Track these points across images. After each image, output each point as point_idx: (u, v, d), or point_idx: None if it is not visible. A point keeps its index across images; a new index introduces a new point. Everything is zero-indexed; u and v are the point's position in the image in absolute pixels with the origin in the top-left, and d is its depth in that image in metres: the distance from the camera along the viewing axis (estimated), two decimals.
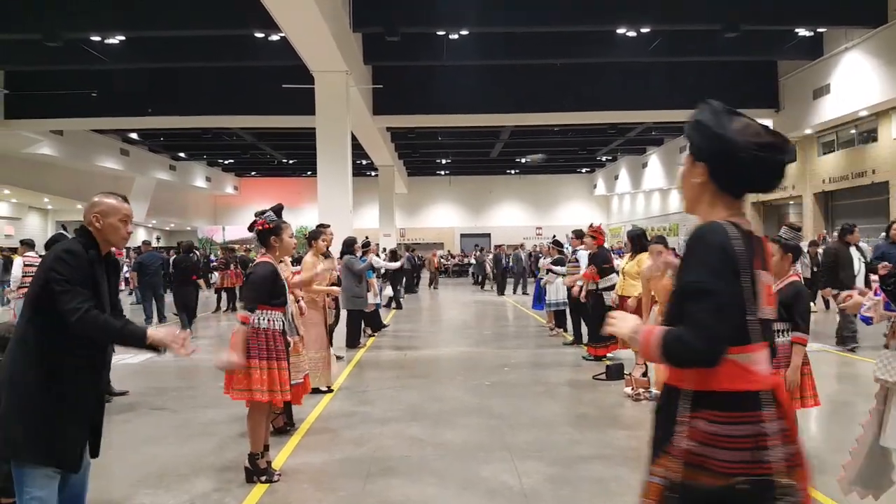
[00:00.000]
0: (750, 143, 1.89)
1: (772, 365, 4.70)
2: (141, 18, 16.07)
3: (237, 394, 4.80)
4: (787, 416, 1.90)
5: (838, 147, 24.34)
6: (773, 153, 1.91)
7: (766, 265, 2.02)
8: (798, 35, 19.37)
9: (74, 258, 3.06)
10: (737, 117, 1.99)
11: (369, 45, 18.38)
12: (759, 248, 1.99)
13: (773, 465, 1.82)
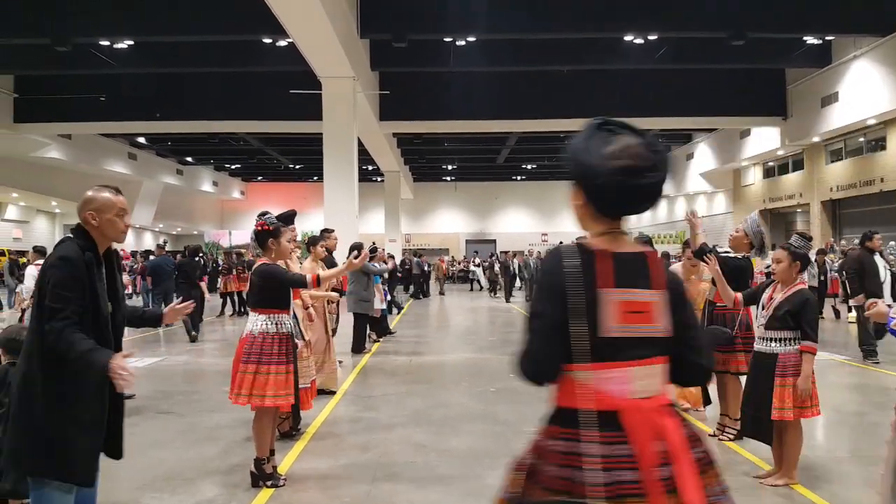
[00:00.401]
0: (607, 168, 1.85)
1: (776, 374, 4.64)
2: (149, 23, 16.14)
3: (246, 399, 4.78)
4: (630, 442, 1.80)
5: (846, 155, 24.28)
6: (629, 178, 1.84)
7: (633, 282, 1.90)
8: (806, 43, 19.35)
9: (69, 266, 2.96)
10: (617, 137, 1.91)
11: (376, 51, 18.42)
12: (619, 268, 1.90)
13: (588, 489, 1.76)
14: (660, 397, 1.89)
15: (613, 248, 1.94)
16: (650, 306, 1.90)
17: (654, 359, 1.90)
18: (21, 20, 15.96)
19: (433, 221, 46.86)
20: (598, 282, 1.88)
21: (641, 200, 1.92)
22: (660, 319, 1.90)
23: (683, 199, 37.55)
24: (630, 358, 1.87)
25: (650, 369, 1.89)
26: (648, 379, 1.88)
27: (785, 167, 28.47)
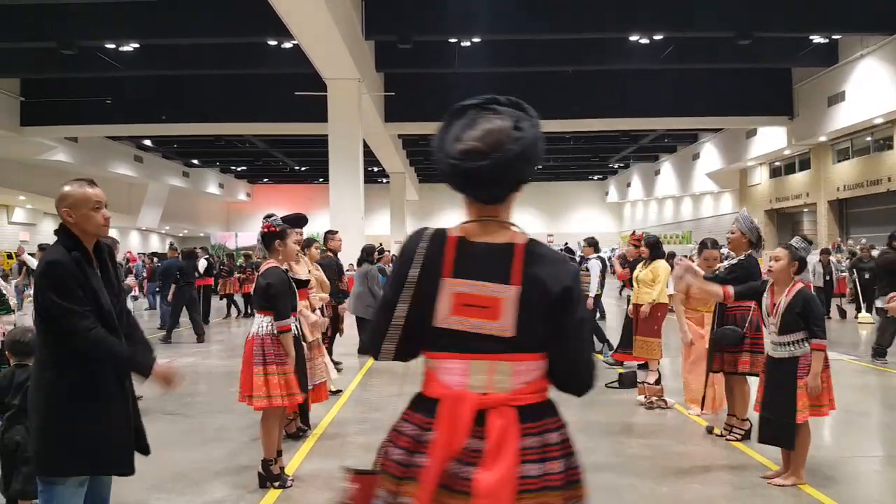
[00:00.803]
0: (447, 152, 1.81)
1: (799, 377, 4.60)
2: (154, 26, 16.20)
3: (257, 401, 4.78)
4: (442, 430, 1.75)
5: (853, 155, 24.20)
6: (463, 161, 1.77)
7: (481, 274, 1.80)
8: (813, 42, 19.30)
9: (59, 269, 2.92)
10: (484, 120, 1.81)
11: (381, 52, 18.44)
12: (466, 258, 1.83)
13: (383, 461, 1.85)
14: (505, 396, 1.77)
15: (474, 236, 1.86)
16: (496, 302, 1.77)
17: (501, 356, 1.78)
18: (27, 24, 16.04)
19: (439, 222, 45.68)
20: (443, 270, 1.82)
21: (478, 185, 1.83)
22: (504, 317, 1.77)
23: (690, 200, 37.48)
24: (470, 350, 1.79)
25: (494, 365, 1.78)
26: (491, 375, 1.78)
27: (791, 167, 28.39)
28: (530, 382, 1.81)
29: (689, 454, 5.62)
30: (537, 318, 1.78)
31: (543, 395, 1.85)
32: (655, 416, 7.00)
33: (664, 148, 35.38)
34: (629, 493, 4.77)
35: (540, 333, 1.80)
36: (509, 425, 1.74)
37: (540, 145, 1.84)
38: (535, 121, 1.86)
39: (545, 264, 1.82)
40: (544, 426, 1.80)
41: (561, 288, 1.79)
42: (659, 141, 32.41)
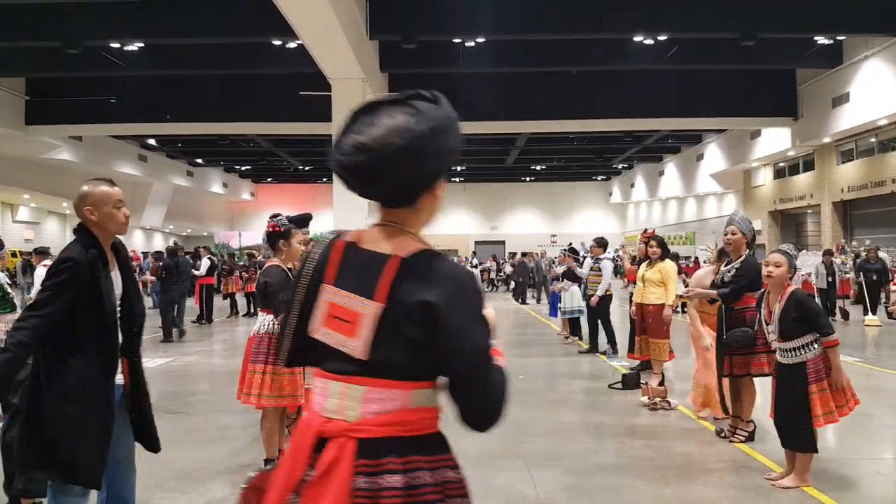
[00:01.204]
0: (337, 148, 1.67)
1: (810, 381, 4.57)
2: (158, 25, 16.22)
3: (255, 399, 4.78)
4: (285, 457, 1.66)
5: (857, 156, 24.15)
6: (347, 156, 1.63)
7: (353, 285, 1.65)
8: (817, 43, 19.25)
9: (68, 266, 2.95)
10: (386, 115, 1.65)
11: (386, 52, 18.44)
12: (346, 265, 1.69)
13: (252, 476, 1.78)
14: (348, 425, 1.58)
15: (365, 242, 1.70)
16: (357, 318, 1.61)
17: (353, 378, 1.61)
18: (32, 23, 16.07)
19: (442, 223, 46.78)
20: (326, 275, 1.69)
21: (359, 183, 1.65)
22: (359, 336, 1.60)
23: (693, 200, 37.43)
24: (331, 369, 1.65)
25: (349, 389, 1.61)
26: (345, 400, 1.60)
27: (795, 168, 28.33)
28: (385, 413, 1.59)
29: (692, 455, 5.60)
30: (399, 342, 1.58)
31: (404, 430, 1.60)
32: (659, 417, 6.98)
33: (668, 149, 35.33)
34: (632, 495, 4.76)
35: (404, 359, 1.59)
36: (341, 459, 1.54)
37: (437, 141, 1.62)
38: (439, 115, 1.64)
39: (422, 282, 1.58)
40: (385, 466, 1.55)
41: (431, 312, 1.56)
42: (663, 142, 32.37)
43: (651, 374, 8.15)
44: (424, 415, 1.64)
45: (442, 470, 1.64)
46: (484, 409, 1.63)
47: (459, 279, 1.60)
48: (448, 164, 1.71)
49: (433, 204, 1.74)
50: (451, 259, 1.67)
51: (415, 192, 1.68)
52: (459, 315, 1.57)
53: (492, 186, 45.53)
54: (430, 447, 1.64)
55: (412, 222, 1.72)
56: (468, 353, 1.59)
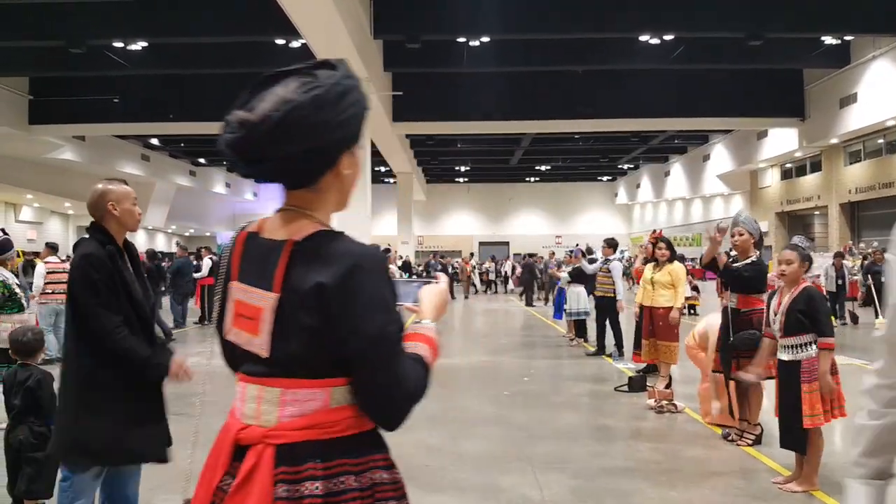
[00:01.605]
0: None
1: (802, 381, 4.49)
2: (161, 25, 16.20)
3: None
4: (206, 466, 1.60)
5: (865, 157, 24.04)
6: (227, 132, 1.49)
7: (254, 278, 1.52)
8: (824, 43, 19.15)
9: (93, 261, 3.03)
10: (274, 89, 1.51)
11: (389, 51, 18.40)
12: (248, 258, 1.57)
13: None
14: (265, 431, 1.47)
15: (266, 230, 1.57)
16: (259, 313, 1.49)
17: (267, 380, 1.49)
18: (35, 22, 16.06)
19: (446, 223, 46.82)
20: (232, 272, 1.58)
21: (240, 160, 1.51)
22: (262, 332, 1.48)
23: (700, 201, 37.32)
24: (246, 371, 1.54)
25: (265, 392, 1.49)
26: (261, 404, 1.49)
27: (803, 169, 28.22)
28: (304, 415, 1.47)
29: (699, 459, 5.53)
30: (299, 333, 1.45)
31: (325, 432, 1.47)
32: (665, 420, 6.90)
33: (674, 149, 35.25)
34: (638, 498, 4.69)
35: (308, 353, 1.46)
36: (260, 467, 1.44)
37: (324, 113, 1.45)
38: (328, 83, 1.47)
39: (316, 264, 1.45)
40: (305, 473, 1.44)
41: (325, 295, 1.42)
42: (669, 142, 32.29)
43: (658, 377, 8.07)
44: (348, 413, 1.49)
45: (371, 472, 1.51)
46: (388, 402, 1.48)
47: (357, 258, 1.45)
48: (346, 138, 1.51)
49: (340, 184, 1.59)
50: (354, 238, 1.51)
51: (309, 172, 1.52)
52: (356, 296, 1.42)
53: (496, 187, 45.48)
54: (358, 448, 1.50)
55: (316, 205, 1.56)
56: (367, 338, 1.43)
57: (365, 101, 1.56)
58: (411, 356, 1.53)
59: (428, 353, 1.59)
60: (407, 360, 1.50)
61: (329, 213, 1.60)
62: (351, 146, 1.55)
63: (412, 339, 1.58)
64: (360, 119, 1.54)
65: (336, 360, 1.46)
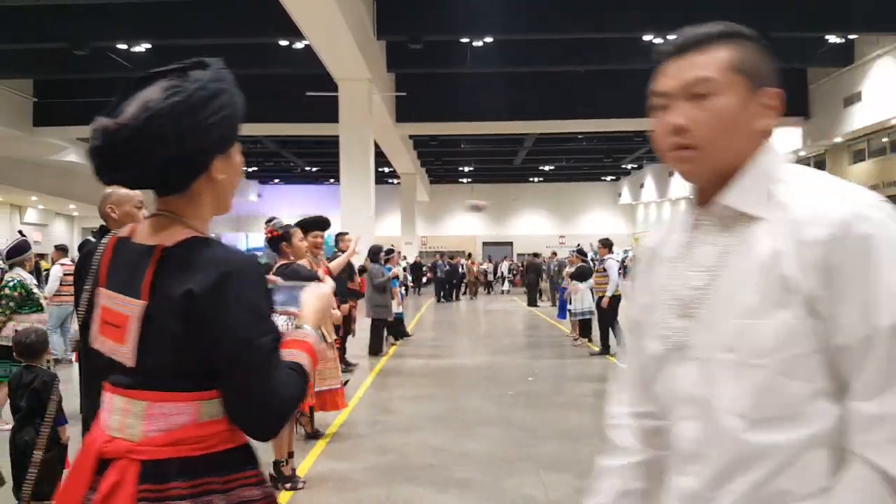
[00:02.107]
0: None
1: None
2: (166, 26, 16.23)
3: None
4: (67, 480, 1.52)
5: (869, 156, 23.98)
6: (92, 139, 1.45)
7: (121, 285, 1.47)
8: (828, 42, 19.11)
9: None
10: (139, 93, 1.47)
11: (392, 52, 18.40)
12: (115, 263, 1.52)
13: None
14: (130, 445, 1.41)
15: (137, 235, 1.53)
16: (125, 321, 1.43)
17: (134, 391, 1.44)
18: (39, 24, 16.09)
19: (449, 223, 46.82)
20: (100, 278, 1.53)
21: (101, 168, 1.46)
22: (128, 341, 1.43)
23: None
24: (112, 381, 1.48)
25: (130, 404, 1.44)
26: (126, 417, 1.43)
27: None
28: (170, 430, 1.41)
29: None
30: (167, 343, 1.41)
31: (193, 448, 1.41)
32: None
33: None
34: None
35: (176, 364, 1.42)
36: (123, 484, 1.37)
37: (186, 117, 1.40)
38: (191, 87, 1.44)
39: (186, 271, 1.40)
40: (170, 492, 1.38)
41: (194, 304, 1.37)
42: None
43: None
44: (218, 429, 1.44)
45: (241, 490, 1.46)
46: (261, 412, 1.44)
47: (228, 265, 1.41)
48: (215, 143, 1.47)
49: (215, 189, 1.53)
50: (226, 244, 1.50)
51: (177, 178, 1.46)
52: (227, 304, 1.38)
53: (499, 187, 45.46)
54: (227, 465, 1.45)
55: (190, 211, 1.51)
56: (239, 347, 1.39)
57: (237, 102, 1.53)
58: (287, 364, 1.48)
59: (307, 360, 1.53)
60: (282, 370, 1.45)
61: (205, 219, 1.56)
62: (224, 150, 1.52)
63: (291, 346, 1.53)
64: (230, 122, 1.50)
65: (206, 372, 1.41)
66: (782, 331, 1.10)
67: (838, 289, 1.07)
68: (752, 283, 1.13)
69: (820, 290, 1.08)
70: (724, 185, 1.21)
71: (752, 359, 1.12)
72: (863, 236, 1.07)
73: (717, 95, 1.20)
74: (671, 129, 1.24)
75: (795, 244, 1.10)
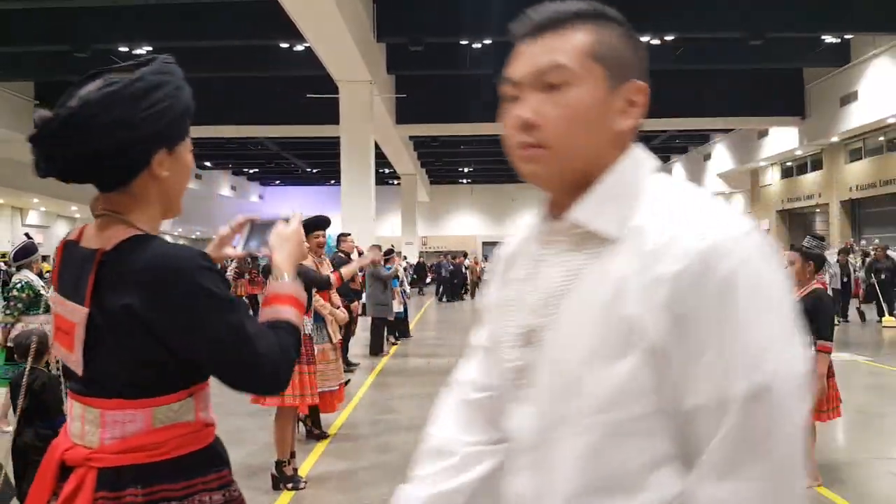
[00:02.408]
0: None
1: None
2: (167, 29, 16.28)
3: (269, 399, 4.82)
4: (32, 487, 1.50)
5: (866, 155, 24.05)
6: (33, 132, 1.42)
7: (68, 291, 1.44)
8: (825, 42, 19.18)
9: None
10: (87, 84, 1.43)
11: (393, 54, 18.48)
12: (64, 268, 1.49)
13: None
14: (88, 453, 1.40)
15: (85, 238, 1.49)
16: (73, 328, 1.40)
17: (89, 399, 1.41)
18: (40, 27, 16.16)
19: (449, 224, 46.88)
20: (54, 283, 1.50)
21: (38, 162, 1.45)
22: (76, 348, 1.40)
23: None
24: (72, 390, 1.46)
25: (86, 411, 1.42)
26: (84, 424, 1.42)
27: (803, 167, 28.24)
28: (125, 438, 1.39)
29: None
30: (114, 352, 1.38)
31: (148, 455, 1.39)
32: None
33: (675, 149, 35.26)
34: None
35: (125, 372, 1.40)
36: (81, 491, 1.36)
37: (118, 109, 1.36)
38: (128, 79, 1.40)
39: (123, 278, 1.37)
40: (124, 499, 1.36)
41: (136, 316, 1.34)
42: (670, 141, 32.30)
43: None
44: (174, 433, 1.42)
45: (199, 495, 1.42)
46: (256, 383, 1.45)
47: (162, 268, 1.36)
48: (152, 137, 1.42)
49: (160, 188, 1.48)
50: (166, 242, 1.44)
51: (113, 173, 1.43)
52: (175, 311, 1.35)
53: (499, 187, 45.51)
54: (185, 471, 1.42)
55: (133, 209, 1.46)
56: (204, 344, 1.38)
57: (181, 96, 1.47)
58: (272, 324, 1.47)
59: (292, 313, 1.51)
60: (262, 337, 1.41)
61: (152, 218, 1.50)
62: (165, 145, 1.46)
63: (272, 303, 1.52)
64: (170, 116, 1.44)
65: (157, 377, 1.40)
66: (621, 384, 0.92)
67: (690, 339, 0.88)
68: (591, 321, 0.95)
69: (669, 338, 0.89)
70: (577, 196, 1.02)
71: (588, 415, 0.95)
72: (722, 277, 0.88)
73: (571, 87, 1.00)
74: (518, 123, 1.05)
75: (645, 279, 0.91)
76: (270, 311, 1.51)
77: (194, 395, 1.48)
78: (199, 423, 1.48)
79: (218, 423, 1.61)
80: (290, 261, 1.61)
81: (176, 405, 1.43)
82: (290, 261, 1.61)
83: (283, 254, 1.61)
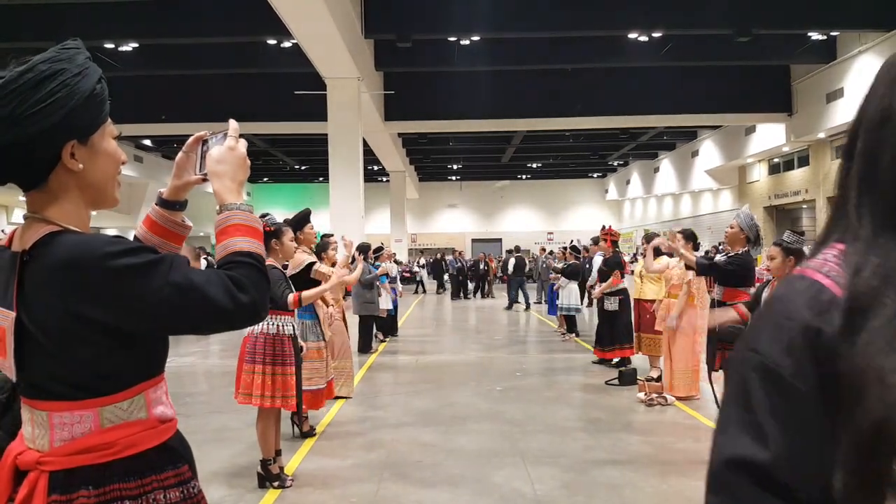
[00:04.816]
0: None
1: None
2: (153, 25, 16.20)
3: (249, 399, 4.83)
4: None
5: None
6: None
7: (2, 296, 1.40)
8: (811, 39, 19.29)
9: None
10: None
11: (381, 51, 18.44)
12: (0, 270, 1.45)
13: None
14: (38, 456, 1.38)
15: (13, 241, 1.46)
16: (3, 333, 1.38)
17: (36, 402, 1.39)
18: (25, 24, 16.04)
19: (439, 221, 46.87)
20: None
21: None
22: (7, 354, 1.38)
23: (689, 197, 37.47)
24: (21, 392, 1.45)
25: (35, 415, 1.40)
26: (35, 427, 1.40)
27: (790, 163, 28.39)
28: (74, 440, 1.37)
29: (690, 451, 5.62)
30: (47, 356, 1.36)
31: (98, 456, 1.37)
32: (656, 413, 7.00)
33: (663, 145, 35.37)
34: (630, 491, 4.78)
35: (61, 375, 1.37)
36: (34, 495, 1.35)
37: (16, 100, 1.33)
38: (21, 70, 1.36)
39: (37, 278, 1.34)
40: (78, 501, 1.35)
41: (60, 316, 1.32)
42: (658, 138, 32.40)
43: (650, 369, 8.17)
44: (125, 433, 1.39)
45: (154, 493, 1.41)
46: (227, 321, 1.38)
47: (72, 261, 1.31)
48: (54, 130, 1.35)
49: (80, 181, 1.43)
50: (75, 234, 1.38)
51: (21, 169, 1.40)
52: (100, 297, 1.31)
53: (488, 184, 45.55)
54: (139, 470, 1.40)
55: (51, 206, 1.41)
56: (156, 317, 1.34)
57: (80, 83, 1.41)
58: (224, 263, 1.42)
59: (245, 242, 1.45)
60: (208, 282, 1.35)
61: (75, 213, 1.44)
62: (73, 137, 1.39)
63: (226, 236, 1.46)
64: (69, 105, 1.37)
65: (97, 377, 1.38)
66: None
67: None
68: None
69: None
70: None
71: None
72: None
73: None
74: None
75: None
76: (221, 248, 1.45)
77: (145, 391, 1.44)
78: (154, 419, 1.45)
79: (203, 423, 1.59)
80: (232, 186, 1.53)
81: (124, 403, 1.40)
82: (232, 186, 1.53)
83: (224, 182, 1.54)
